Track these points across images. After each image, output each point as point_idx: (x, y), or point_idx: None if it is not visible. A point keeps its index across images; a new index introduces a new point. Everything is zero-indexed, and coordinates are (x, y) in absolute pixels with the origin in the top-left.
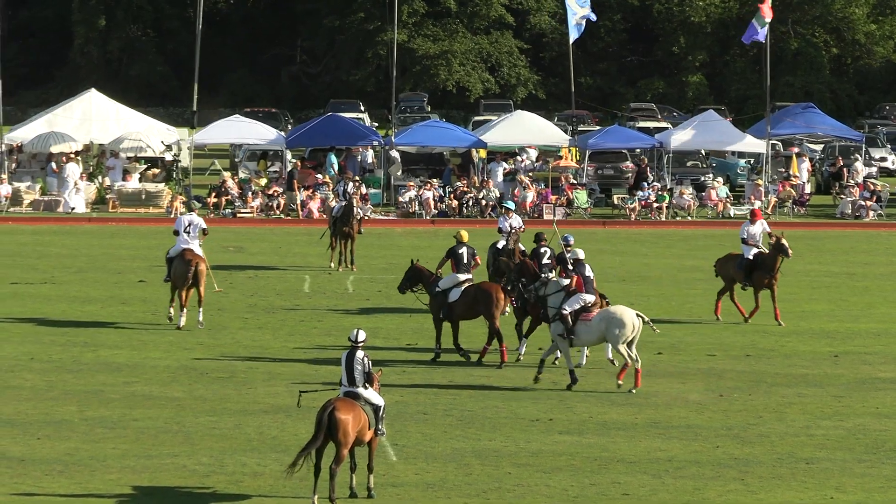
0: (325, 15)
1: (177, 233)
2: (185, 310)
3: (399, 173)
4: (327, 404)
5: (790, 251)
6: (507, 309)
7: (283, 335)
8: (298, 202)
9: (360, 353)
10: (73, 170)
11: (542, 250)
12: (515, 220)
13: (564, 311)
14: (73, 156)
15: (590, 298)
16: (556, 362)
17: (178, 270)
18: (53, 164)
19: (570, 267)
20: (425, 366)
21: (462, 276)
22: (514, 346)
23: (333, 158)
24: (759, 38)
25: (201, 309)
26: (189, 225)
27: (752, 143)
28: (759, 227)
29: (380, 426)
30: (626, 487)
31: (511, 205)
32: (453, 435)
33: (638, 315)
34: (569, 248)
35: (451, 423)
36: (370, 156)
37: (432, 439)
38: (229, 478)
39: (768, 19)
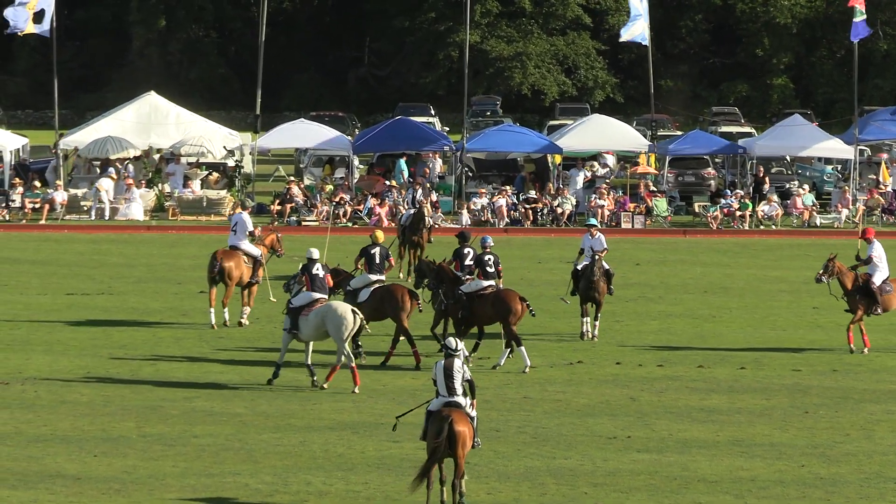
0: (395, 15)
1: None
2: (212, 309)
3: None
4: (443, 416)
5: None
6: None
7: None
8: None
9: (458, 362)
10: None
11: (465, 251)
12: (599, 241)
13: (291, 306)
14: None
15: (316, 295)
16: (504, 367)
17: (208, 266)
18: (112, 171)
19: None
20: (497, 381)
21: (373, 277)
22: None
23: (404, 165)
24: (867, 32)
25: (245, 309)
26: (235, 224)
27: (839, 149)
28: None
29: (476, 438)
30: None
31: (594, 221)
32: (527, 453)
33: (354, 311)
34: (487, 249)
35: (524, 440)
36: (438, 165)
37: (505, 457)
38: (293, 497)
39: (863, 8)
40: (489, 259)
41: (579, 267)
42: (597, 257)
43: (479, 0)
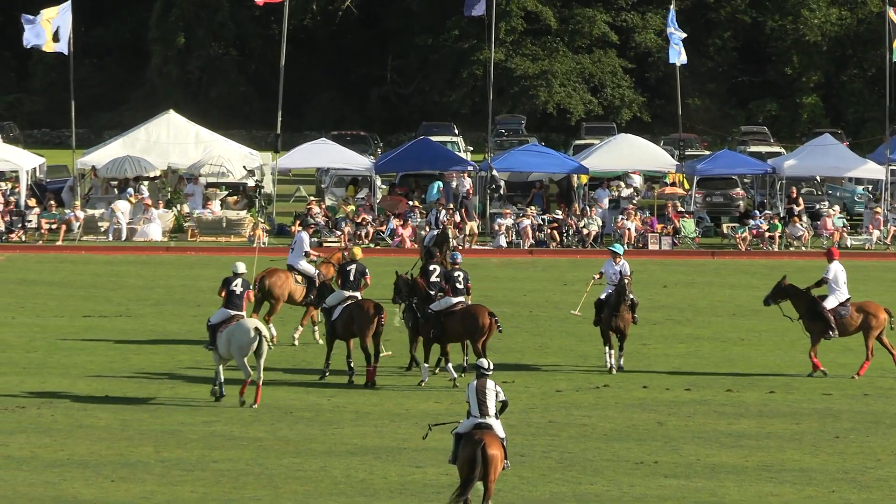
0: (418, 32)
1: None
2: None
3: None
4: (476, 440)
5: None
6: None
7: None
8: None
9: (490, 382)
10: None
11: (432, 268)
12: (624, 267)
13: (210, 323)
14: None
15: (232, 312)
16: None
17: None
18: (131, 191)
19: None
20: (522, 405)
21: (347, 294)
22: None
23: (437, 187)
24: None
25: (298, 328)
26: (294, 243)
27: (870, 169)
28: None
29: (506, 460)
30: None
31: (619, 249)
32: (552, 478)
33: (257, 329)
34: (456, 266)
35: (549, 465)
36: (467, 183)
37: (530, 483)
38: None
39: None
40: (459, 276)
41: (603, 296)
42: (626, 281)
43: (504, 17)
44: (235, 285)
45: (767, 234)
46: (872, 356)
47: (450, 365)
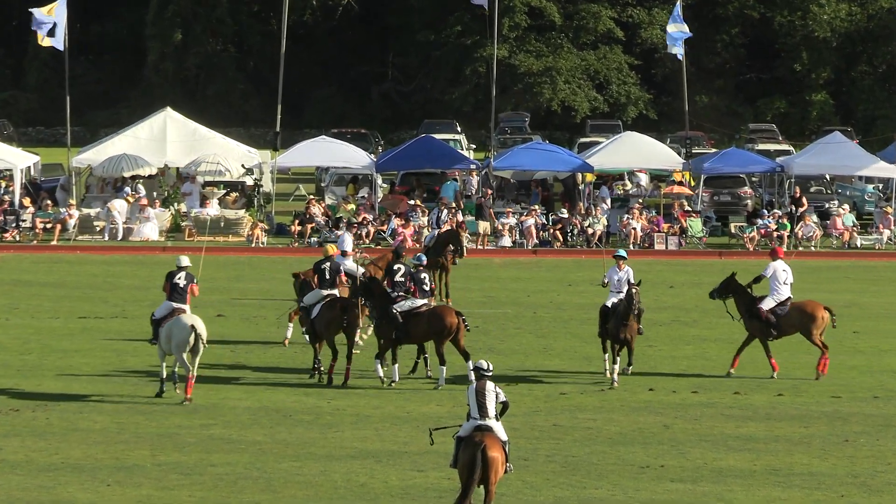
0: (419, 29)
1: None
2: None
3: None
4: (476, 442)
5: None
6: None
7: (372, 374)
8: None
9: (490, 384)
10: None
11: (396, 267)
12: (628, 275)
13: (154, 317)
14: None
15: (175, 305)
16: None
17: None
18: (128, 189)
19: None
20: (526, 408)
21: (325, 292)
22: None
23: (452, 187)
24: None
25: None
26: (337, 244)
27: (881, 168)
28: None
29: (508, 463)
30: None
31: (624, 253)
32: (556, 483)
33: (193, 327)
34: (421, 268)
35: (553, 469)
36: (475, 181)
37: (534, 487)
38: None
39: None
40: (425, 277)
41: (609, 304)
42: (634, 291)
43: (507, 13)
44: (179, 278)
45: (776, 234)
46: (826, 348)
47: (395, 366)
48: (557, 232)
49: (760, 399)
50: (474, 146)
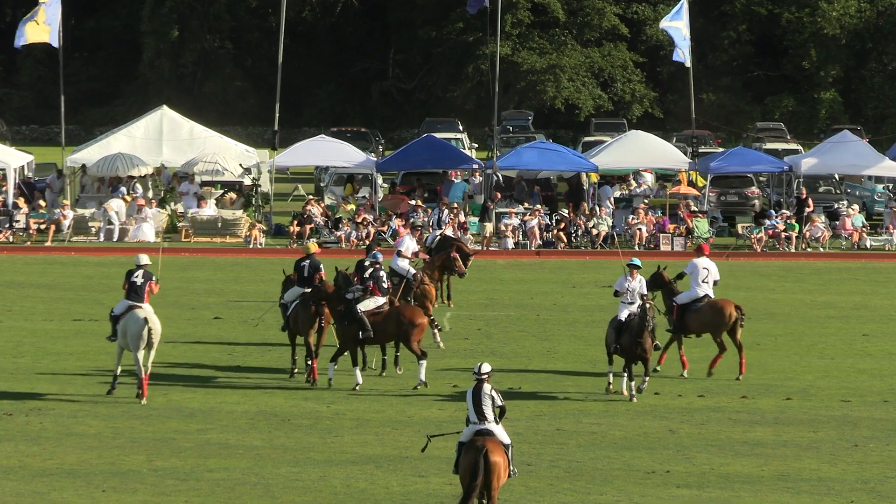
0: (421, 25)
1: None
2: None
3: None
4: (478, 447)
5: None
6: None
7: (372, 377)
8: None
9: (487, 387)
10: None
11: (367, 264)
12: (641, 285)
13: (112, 314)
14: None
15: (130, 303)
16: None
17: None
18: (124, 189)
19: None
20: (529, 413)
21: (303, 290)
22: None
23: (460, 188)
24: None
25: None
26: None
27: (890, 167)
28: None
29: (511, 467)
30: None
31: (638, 262)
32: (560, 488)
33: (146, 319)
34: (378, 265)
35: (557, 475)
36: (478, 181)
37: (537, 493)
38: None
39: None
40: (383, 275)
41: (622, 317)
42: (648, 306)
43: (510, 10)
44: (136, 276)
45: (784, 235)
46: (741, 349)
47: (357, 369)
48: (561, 233)
49: (768, 403)
50: (476, 145)
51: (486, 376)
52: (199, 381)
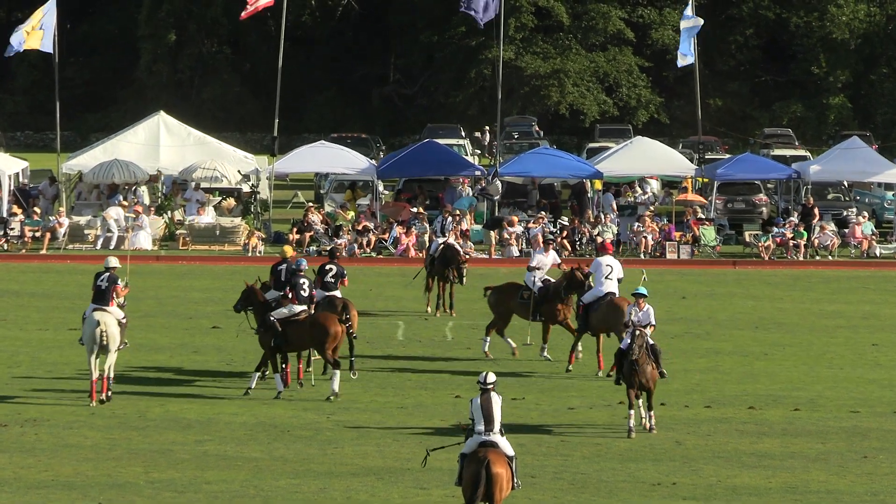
0: (422, 29)
1: None
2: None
3: (497, 198)
4: (479, 458)
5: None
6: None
7: (373, 388)
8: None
9: (496, 396)
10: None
11: (328, 268)
12: (647, 315)
13: (85, 317)
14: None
15: (95, 306)
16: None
17: None
18: (120, 196)
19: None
20: (533, 423)
21: (278, 294)
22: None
23: (466, 202)
24: None
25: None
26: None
27: None
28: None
29: (515, 479)
30: None
31: (644, 291)
32: (564, 500)
33: (99, 322)
34: (300, 273)
35: (561, 487)
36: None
37: None
38: None
39: None
40: (304, 283)
41: (623, 346)
42: (637, 333)
43: (514, 14)
44: (102, 280)
45: (792, 243)
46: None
47: (278, 376)
48: (565, 241)
49: (776, 414)
50: (479, 151)
51: (491, 386)
52: (196, 391)
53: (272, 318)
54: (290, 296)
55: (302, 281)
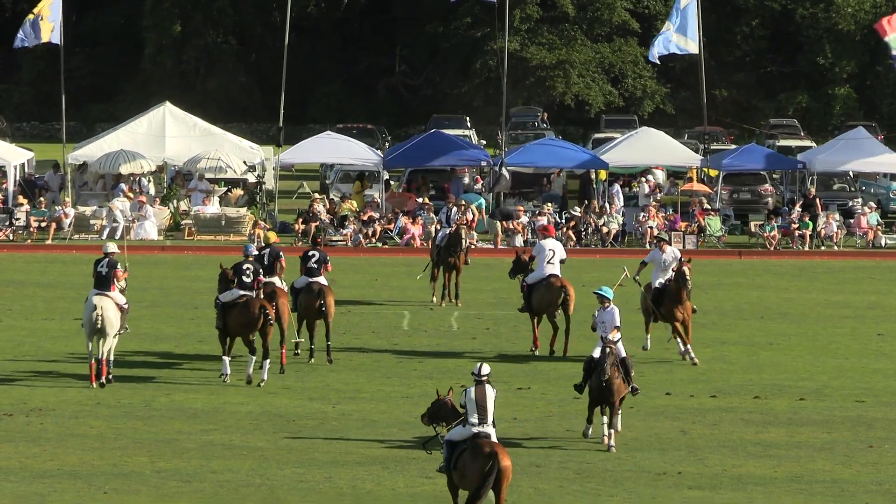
0: (428, 20)
1: None
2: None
3: (506, 191)
4: (486, 453)
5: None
6: None
7: (379, 378)
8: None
9: (490, 389)
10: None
11: (311, 254)
12: (611, 315)
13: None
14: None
15: (96, 291)
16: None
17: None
18: (124, 187)
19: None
20: (538, 413)
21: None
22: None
23: (477, 203)
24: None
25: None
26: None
27: None
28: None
29: None
30: None
31: (608, 292)
32: (569, 490)
33: (97, 306)
34: (249, 259)
35: (567, 476)
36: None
37: (546, 495)
38: None
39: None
40: (248, 269)
41: (595, 354)
42: (608, 350)
43: (519, 4)
44: (102, 266)
45: (797, 233)
46: (560, 329)
47: (226, 359)
48: (570, 231)
49: (781, 404)
50: (484, 142)
51: (485, 378)
52: (202, 381)
53: (218, 301)
54: (234, 281)
55: (245, 267)
